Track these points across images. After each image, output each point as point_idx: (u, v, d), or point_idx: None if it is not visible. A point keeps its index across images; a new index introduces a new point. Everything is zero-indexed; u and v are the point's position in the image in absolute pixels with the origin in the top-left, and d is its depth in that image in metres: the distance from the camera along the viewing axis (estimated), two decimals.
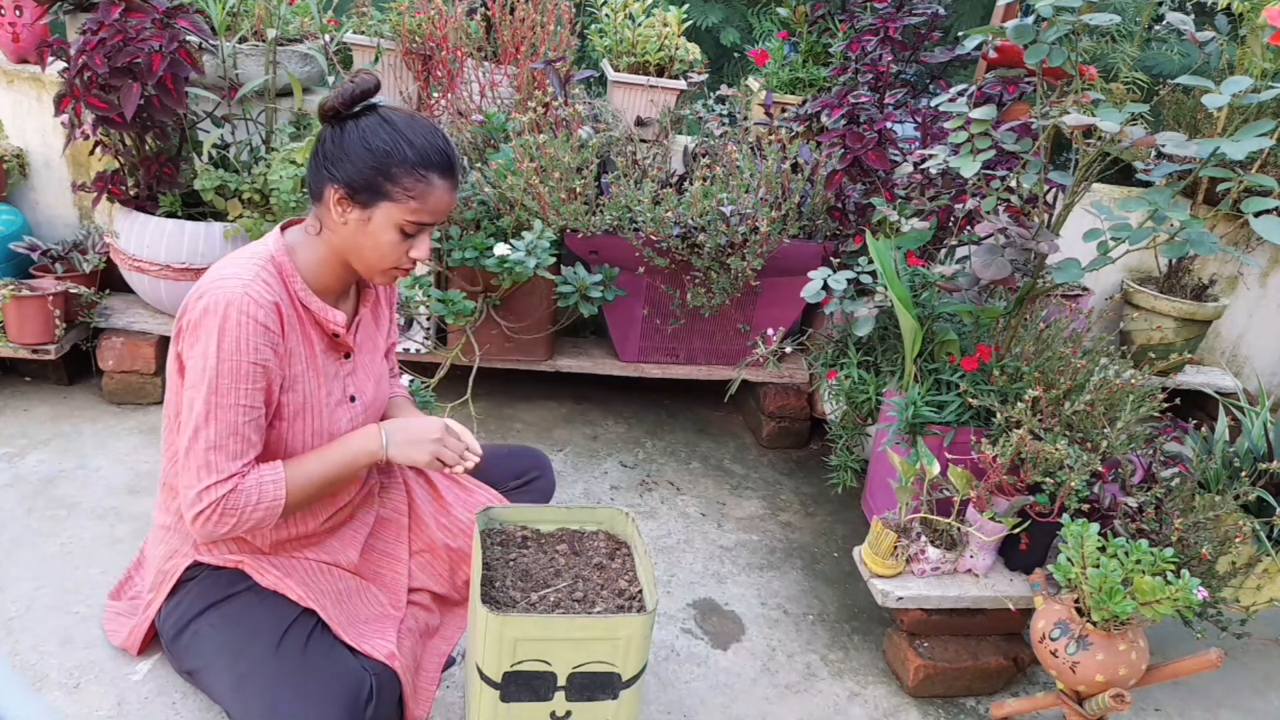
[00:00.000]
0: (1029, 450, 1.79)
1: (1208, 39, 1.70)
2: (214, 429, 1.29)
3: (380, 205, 1.32)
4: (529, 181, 2.40)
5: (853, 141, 2.38)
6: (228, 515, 1.31)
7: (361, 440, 1.43)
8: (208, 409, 1.29)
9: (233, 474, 1.31)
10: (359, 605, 1.51)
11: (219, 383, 1.28)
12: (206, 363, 1.28)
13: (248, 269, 1.33)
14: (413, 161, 1.31)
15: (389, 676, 1.39)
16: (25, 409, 2.51)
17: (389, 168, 1.30)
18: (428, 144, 1.32)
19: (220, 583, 1.44)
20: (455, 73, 2.74)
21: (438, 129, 1.36)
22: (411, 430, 1.45)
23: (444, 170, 1.34)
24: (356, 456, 1.43)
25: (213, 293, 1.29)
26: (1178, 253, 1.62)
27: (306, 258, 1.40)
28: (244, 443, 1.32)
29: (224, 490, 1.30)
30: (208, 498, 1.29)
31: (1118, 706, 1.60)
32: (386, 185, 1.31)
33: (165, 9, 2.27)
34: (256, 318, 1.29)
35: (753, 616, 2.11)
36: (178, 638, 1.44)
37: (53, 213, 2.89)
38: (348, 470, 1.43)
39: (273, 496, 1.34)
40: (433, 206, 1.34)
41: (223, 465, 1.30)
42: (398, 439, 1.44)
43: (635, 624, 1.33)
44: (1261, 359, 3.46)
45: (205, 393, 1.28)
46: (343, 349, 1.48)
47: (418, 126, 1.34)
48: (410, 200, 1.32)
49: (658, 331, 2.72)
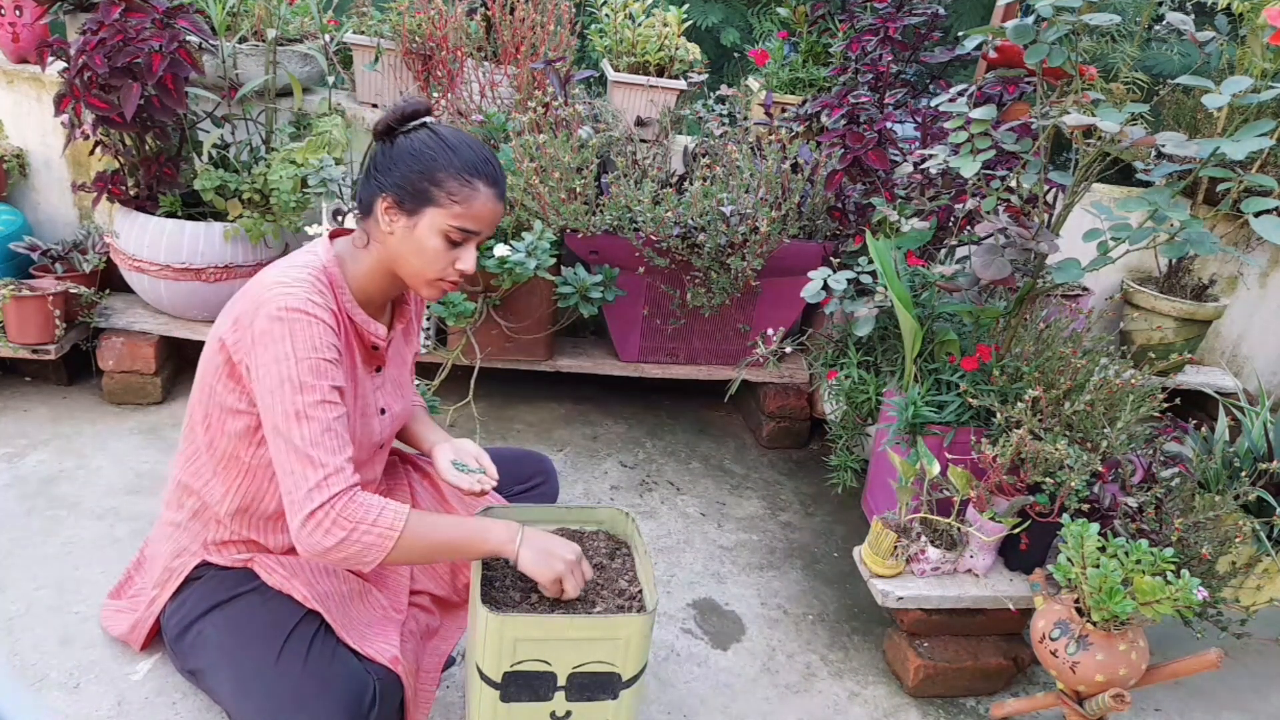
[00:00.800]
0: (1029, 450, 1.79)
1: (1208, 39, 1.70)
2: (308, 428, 1.26)
3: (426, 211, 1.33)
4: (529, 182, 2.40)
5: (853, 141, 2.38)
6: (340, 523, 1.25)
7: (498, 530, 1.39)
8: (297, 410, 1.26)
9: (340, 468, 1.26)
10: (362, 608, 1.51)
11: (302, 381, 1.26)
12: (283, 366, 1.26)
13: (303, 276, 1.33)
14: (458, 167, 1.33)
15: (392, 681, 1.39)
16: (25, 409, 2.51)
17: (435, 173, 1.32)
18: (474, 154, 1.35)
19: (226, 583, 1.44)
20: (455, 73, 2.74)
21: (485, 145, 1.40)
22: (551, 545, 1.40)
23: (490, 179, 1.36)
24: (486, 540, 1.38)
25: (276, 300, 1.28)
26: (1178, 253, 1.62)
27: (353, 270, 1.41)
28: (339, 439, 1.28)
29: (339, 487, 1.25)
30: (319, 495, 1.24)
31: (1118, 706, 1.60)
32: (432, 190, 1.32)
33: (165, 9, 2.27)
34: (325, 320, 1.30)
35: (753, 616, 2.11)
36: (181, 637, 1.44)
37: (53, 213, 2.89)
38: (469, 545, 1.38)
39: (389, 523, 1.28)
40: (478, 213, 1.35)
41: (327, 459, 1.26)
42: (533, 545, 1.39)
43: (635, 624, 1.33)
44: (1261, 359, 3.46)
45: (289, 393, 1.26)
46: (377, 362, 1.50)
47: (466, 139, 1.37)
48: (455, 205, 1.33)
49: (658, 331, 2.72)
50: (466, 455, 1.61)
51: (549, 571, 1.37)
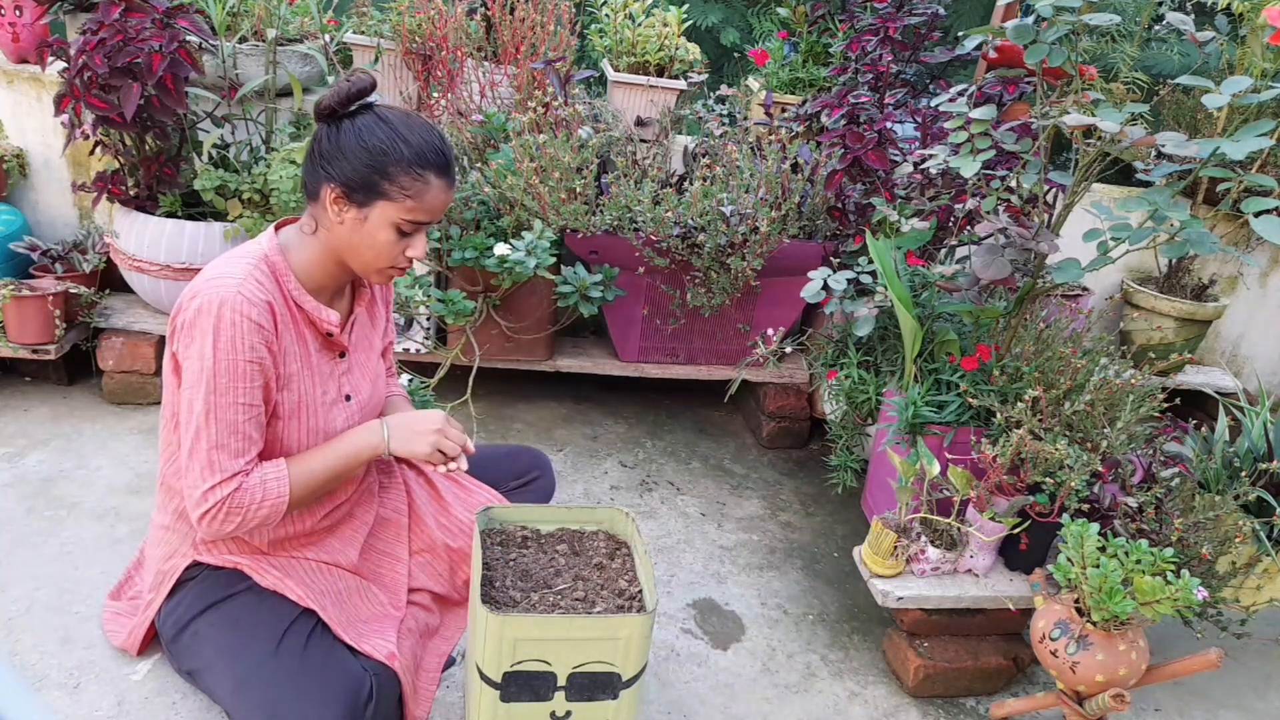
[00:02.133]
0: (1029, 450, 1.79)
1: (1208, 39, 1.70)
2: (215, 428, 1.30)
3: (377, 204, 1.32)
4: (529, 181, 2.40)
5: (853, 141, 2.38)
6: (233, 514, 1.32)
7: (364, 435, 1.45)
8: (208, 409, 1.29)
9: (236, 472, 1.32)
10: (359, 605, 1.51)
11: (217, 382, 1.29)
12: (203, 363, 1.29)
13: (240, 268, 1.33)
14: (409, 160, 1.31)
15: (389, 676, 1.39)
16: (25, 409, 2.51)
17: (385, 166, 1.30)
18: (424, 142, 1.32)
19: (220, 583, 1.44)
20: (455, 73, 2.74)
21: (434, 127, 1.36)
22: (412, 423, 1.46)
23: (440, 169, 1.34)
24: (359, 451, 1.44)
25: (206, 292, 1.30)
26: (1178, 253, 1.63)
27: (301, 256, 1.40)
28: (245, 440, 1.33)
29: (229, 489, 1.31)
30: (213, 497, 1.30)
31: (1118, 706, 1.60)
32: (383, 184, 1.31)
33: (165, 9, 2.27)
34: (250, 316, 1.30)
35: (753, 616, 2.11)
36: (177, 638, 1.44)
37: (53, 213, 2.89)
38: (350, 465, 1.44)
39: (276, 494, 1.35)
40: (429, 205, 1.34)
41: (226, 464, 1.31)
42: (399, 432, 1.45)
43: (635, 624, 1.33)
44: (1261, 359, 3.46)
45: (204, 393, 1.29)
46: (337, 348, 1.48)
47: (414, 125, 1.33)
48: (407, 199, 1.32)
49: (658, 331, 2.72)
50: None
51: (423, 446, 1.44)
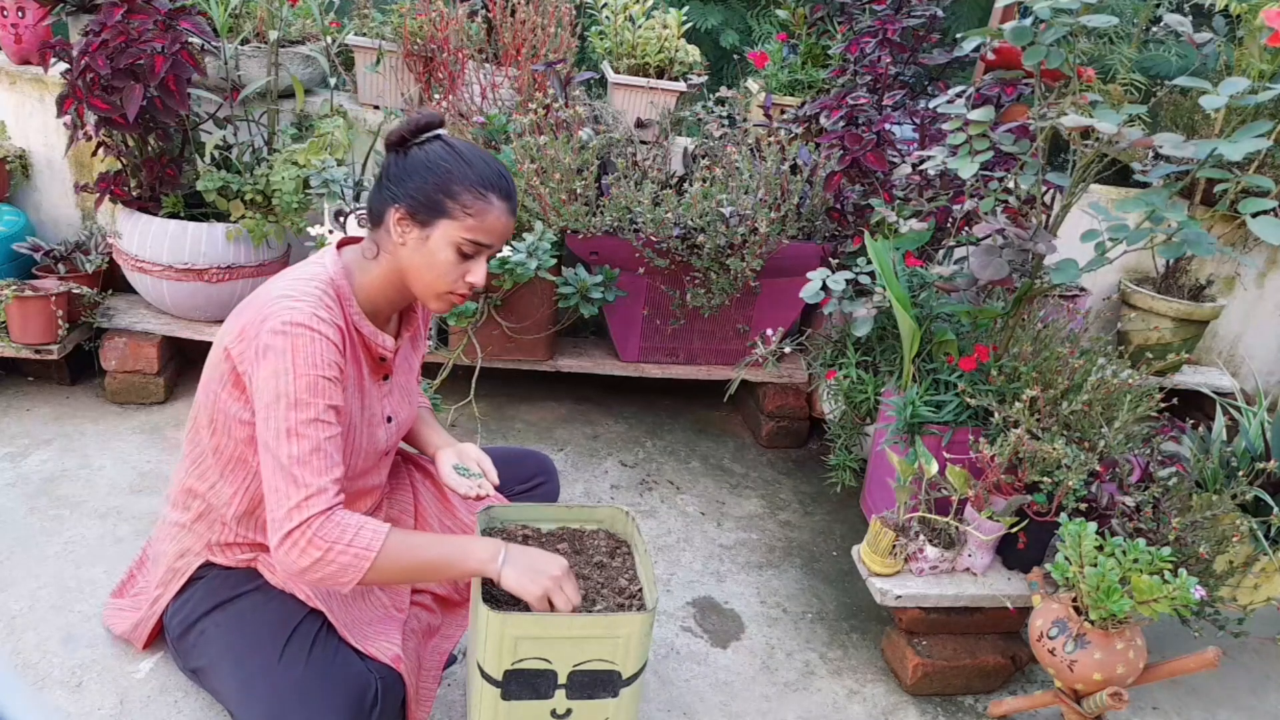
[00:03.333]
0: (1027, 450, 1.80)
1: (1205, 40, 1.71)
2: (297, 445, 1.26)
3: (439, 224, 1.34)
4: (530, 183, 2.41)
5: (851, 143, 2.39)
6: (316, 543, 1.24)
7: (480, 547, 1.36)
8: (289, 426, 1.26)
9: (323, 489, 1.25)
10: (364, 607, 1.52)
11: (297, 398, 1.26)
12: (281, 381, 1.26)
13: (311, 290, 1.33)
14: (473, 180, 1.33)
15: (394, 679, 1.40)
16: (28, 409, 2.52)
17: (450, 185, 1.33)
18: (488, 167, 1.36)
19: (229, 582, 1.45)
20: (456, 74, 2.75)
21: (499, 161, 1.40)
22: (535, 560, 1.36)
23: (503, 193, 1.36)
24: (467, 559, 1.35)
25: (280, 314, 1.29)
26: (1175, 253, 1.63)
27: (362, 281, 1.41)
28: (327, 459, 1.27)
29: (318, 508, 1.24)
30: (298, 515, 1.24)
31: (1115, 705, 1.61)
32: (446, 202, 1.33)
33: (167, 10, 2.28)
34: (328, 336, 1.30)
35: (752, 615, 2.12)
36: (184, 636, 1.45)
37: (55, 213, 2.90)
38: (452, 565, 1.36)
39: (366, 543, 1.26)
40: (490, 226, 1.35)
41: (310, 480, 1.25)
42: (518, 563, 1.35)
43: (635, 622, 1.34)
44: (1259, 359, 3.47)
45: (284, 409, 1.26)
46: (385, 371, 1.50)
47: (480, 153, 1.38)
48: (469, 218, 1.33)
49: (658, 332, 2.73)
50: (468, 459, 1.62)
51: (536, 589, 1.33)
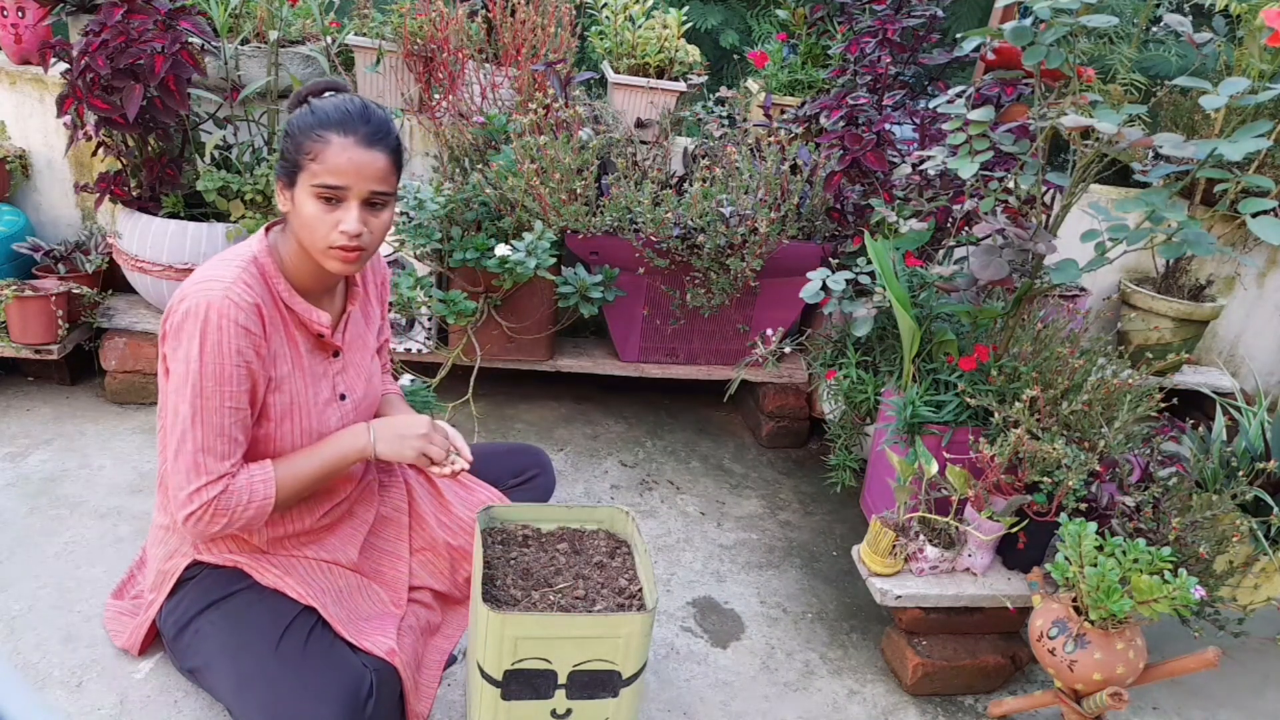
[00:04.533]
0: (1027, 450, 1.80)
1: (1205, 40, 1.71)
2: (201, 431, 1.32)
3: (299, 179, 1.34)
4: (530, 183, 2.41)
5: (851, 143, 2.39)
6: (219, 515, 1.34)
7: (349, 438, 1.46)
8: (194, 412, 1.31)
9: (222, 474, 1.34)
10: (359, 603, 1.52)
11: (203, 385, 1.31)
12: (189, 366, 1.30)
13: (229, 271, 1.35)
14: (310, 124, 1.33)
15: (389, 673, 1.40)
16: (28, 409, 2.52)
17: (295, 138, 1.33)
18: (334, 110, 1.33)
19: (220, 581, 1.45)
20: (456, 75, 2.75)
21: (359, 100, 1.37)
22: (398, 426, 1.48)
23: (342, 128, 1.32)
24: (345, 454, 1.46)
25: (193, 295, 1.31)
26: (1175, 253, 1.63)
27: (285, 256, 1.42)
28: (231, 443, 1.35)
29: (215, 491, 1.33)
30: (199, 499, 1.33)
31: (1115, 705, 1.61)
32: (295, 156, 1.33)
33: (167, 10, 2.28)
34: (237, 320, 1.31)
35: (752, 615, 2.12)
36: (179, 636, 1.45)
37: (55, 213, 2.90)
38: (336, 467, 1.46)
39: (263, 495, 1.37)
40: (332, 166, 1.31)
41: (212, 466, 1.33)
42: (384, 435, 1.47)
43: (635, 622, 1.34)
44: (1259, 359, 3.47)
45: (190, 396, 1.31)
46: (330, 348, 1.50)
47: (337, 101, 1.35)
48: (312, 164, 1.32)
49: (658, 331, 2.73)
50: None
51: (409, 451, 1.46)
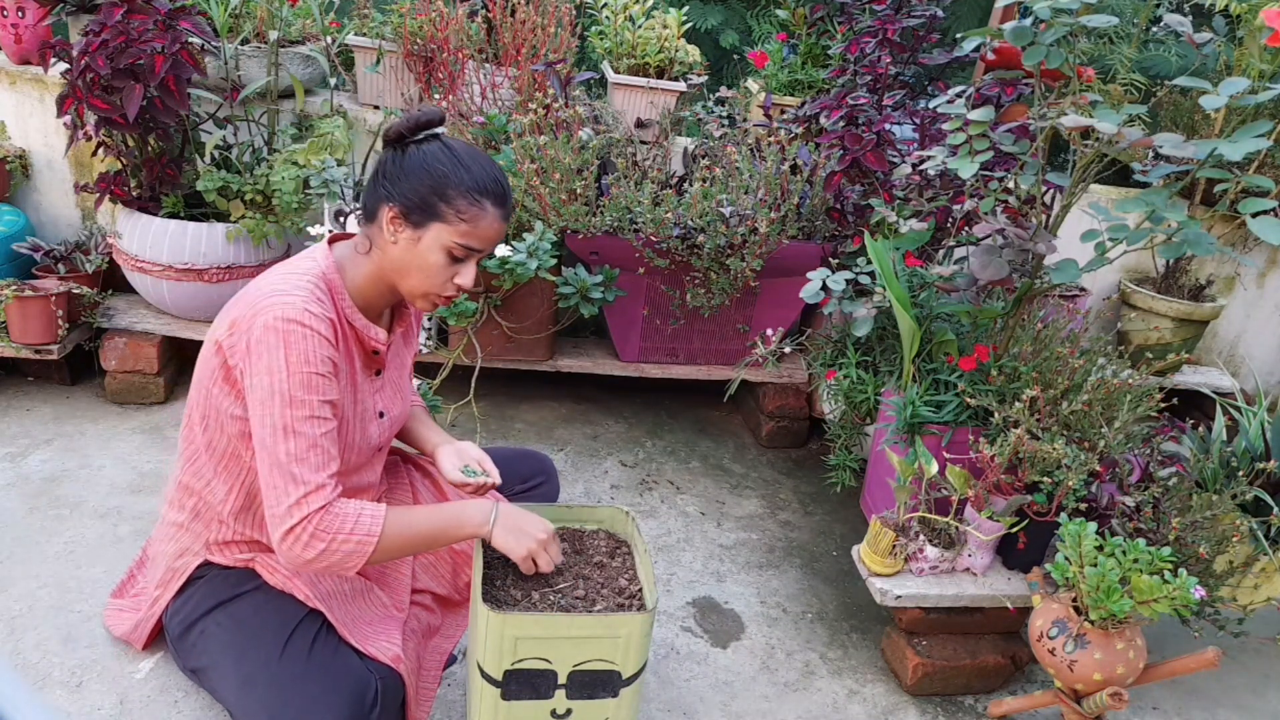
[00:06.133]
0: (1026, 450, 1.80)
1: (1205, 40, 1.71)
2: (293, 443, 1.27)
3: (432, 226, 1.33)
4: (530, 183, 2.41)
5: (851, 143, 2.39)
6: (319, 536, 1.26)
7: (472, 510, 1.42)
8: (284, 423, 1.27)
9: (321, 485, 1.28)
10: (363, 606, 1.52)
11: (292, 395, 1.27)
12: (275, 378, 1.27)
13: (302, 285, 1.33)
14: (468, 186, 1.33)
15: (394, 679, 1.40)
16: (28, 409, 2.52)
17: (445, 189, 1.32)
18: (485, 173, 1.35)
19: (228, 582, 1.45)
20: (456, 74, 2.75)
21: (496, 164, 1.39)
22: (523, 522, 1.44)
23: (498, 199, 1.36)
24: (463, 524, 1.42)
25: (272, 309, 1.28)
26: (1175, 253, 1.63)
27: (353, 275, 1.41)
28: (324, 454, 1.29)
29: (317, 504, 1.26)
30: (299, 512, 1.26)
31: (1115, 705, 1.61)
32: (440, 206, 1.33)
33: (167, 10, 2.28)
34: (320, 331, 1.30)
35: (752, 615, 2.12)
36: (184, 635, 1.45)
37: (55, 213, 2.90)
38: (449, 532, 1.42)
39: (367, 530, 1.30)
40: (483, 232, 1.35)
41: (308, 476, 1.27)
42: (505, 524, 1.42)
43: (635, 622, 1.34)
44: (1259, 359, 3.47)
45: (279, 406, 1.27)
46: (377, 366, 1.50)
47: (478, 156, 1.37)
48: (462, 223, 1.33)
49: (658, 332, 2.73)
50: (469, 459, 1.62)
51: (520, 549, 1.41)
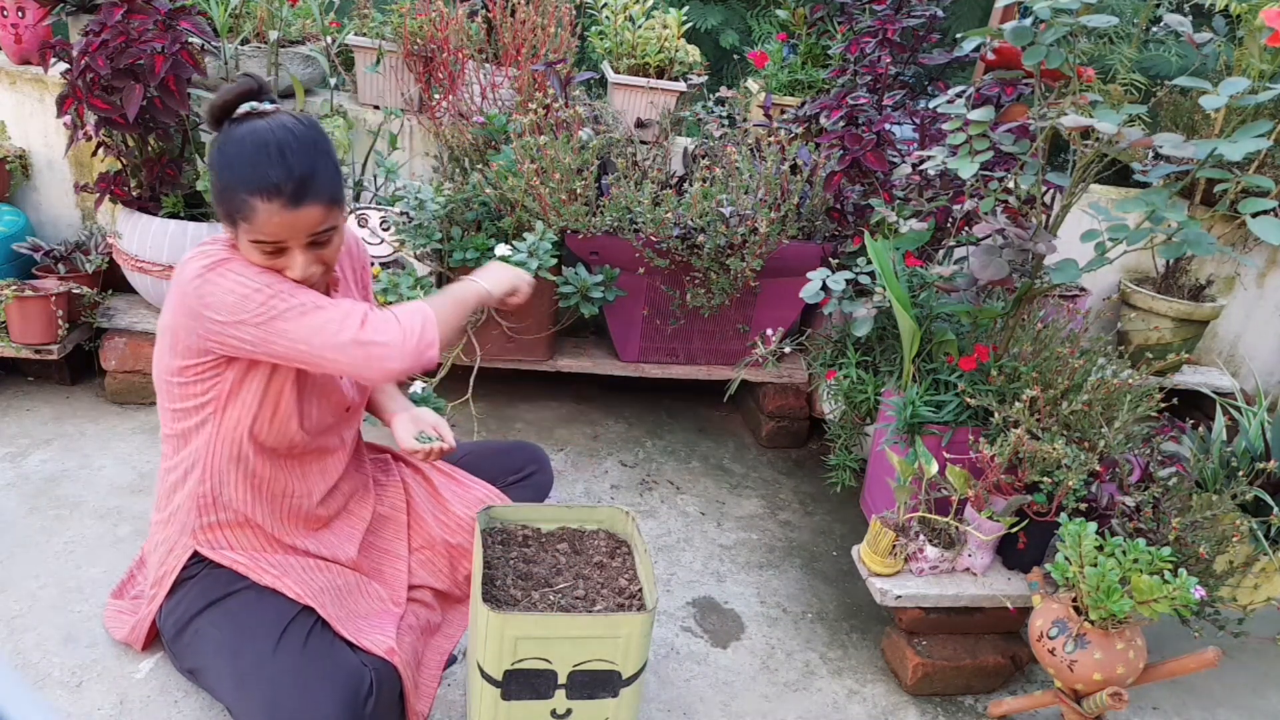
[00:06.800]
0: (1026, 450, 1.80)
1: (1205, 40, 1.71)
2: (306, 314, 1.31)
3: (239, 227, 1.32)
4: (530, 183, 2.41)
5: (851, 143, 2.39)
6: (382, 328, 1.33)
7: (461, 285, 1.54)
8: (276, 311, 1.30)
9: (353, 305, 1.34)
10: (358, 601, 1.52)
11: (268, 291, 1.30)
12: (245, 288, 1.30)
13: (209, 247, 1.36)
14: (232, 184, 1.29)
15: (388, 671, 1.40)
16: (28, 409, 2.52)
17: (226, 192, 1.30)
18: (246, 166, 1.28)
19: (220, 581, 1.45)
20: (456, 74, 2.75)
21: (274, 141, 1.28)
22: (492, 270, 1.60)
23: (264, 193, 1.27)
24: (465, 288, 1.53)
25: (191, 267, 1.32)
26: (1175, 253, 1.63)
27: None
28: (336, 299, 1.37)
29: (364, 309, 1.34)
30: (353, 323, 1.32)
31: (1115, 705, 1.61)
32: (229, 210, 1.31)
33: (167, 10, 2.28)
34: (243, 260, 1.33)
35: (752, 615, 2.12)
36: (179, 636, 1.45)
37: (55, 213, 2.90)
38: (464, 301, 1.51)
39: (412, 308, 1.38)
40: (261, 228, 1.29)
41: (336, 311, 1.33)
42: (489, 275, 1.57)
43: (635, 622, 1.34)
44: (1258, 359, 3.47)
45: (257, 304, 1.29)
46: None
47: (247, 142, 1.28)
48: (246, 224, 1.30)
49: (658, 332, 2.73)
50: (426, 425, 1.64)
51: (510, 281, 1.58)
